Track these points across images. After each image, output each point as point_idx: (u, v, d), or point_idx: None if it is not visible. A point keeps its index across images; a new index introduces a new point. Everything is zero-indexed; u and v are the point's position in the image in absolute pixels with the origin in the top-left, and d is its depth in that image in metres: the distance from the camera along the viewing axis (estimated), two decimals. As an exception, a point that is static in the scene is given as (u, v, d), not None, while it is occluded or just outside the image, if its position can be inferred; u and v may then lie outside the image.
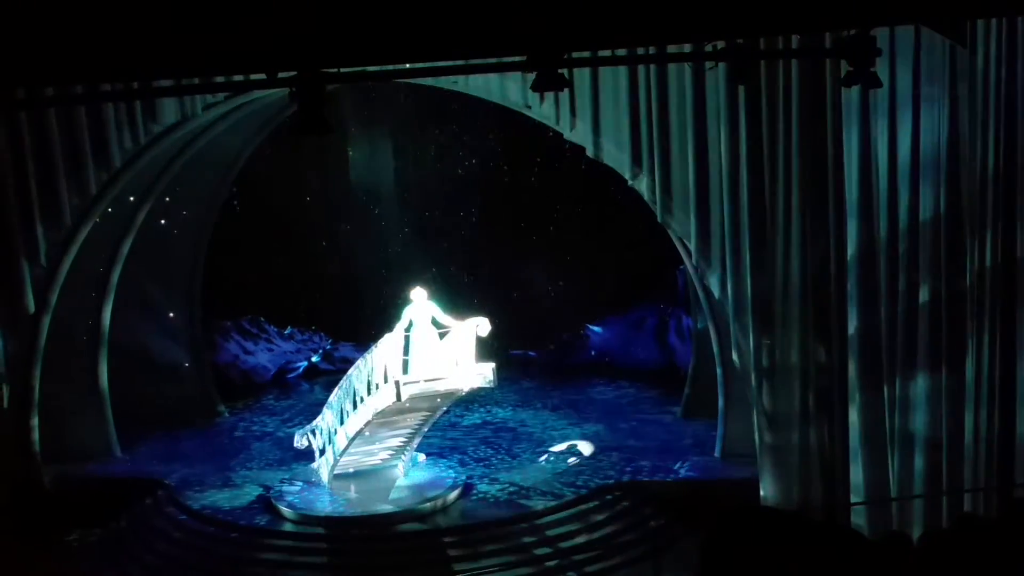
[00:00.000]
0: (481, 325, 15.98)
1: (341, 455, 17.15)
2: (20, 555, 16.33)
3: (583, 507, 16.67)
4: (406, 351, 15.96)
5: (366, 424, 16.36)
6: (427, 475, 17.68)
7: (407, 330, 15.90)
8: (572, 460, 18.49)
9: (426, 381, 15.56)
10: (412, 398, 15.66)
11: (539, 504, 16.71)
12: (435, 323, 15.91)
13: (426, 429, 17.31)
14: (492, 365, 16.03)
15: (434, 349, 15.77)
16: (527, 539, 15.95)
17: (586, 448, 18.87)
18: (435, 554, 15.64)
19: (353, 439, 16.72)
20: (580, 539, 15.97)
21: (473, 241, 26.09)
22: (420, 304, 15.85)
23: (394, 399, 15.45)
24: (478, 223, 26.08)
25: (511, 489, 17.37)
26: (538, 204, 25.65)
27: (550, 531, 16.10)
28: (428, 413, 16.67)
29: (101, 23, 11.36)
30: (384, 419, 16.30)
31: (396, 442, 17.24)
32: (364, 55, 12.35)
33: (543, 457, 18.76)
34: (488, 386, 16.12)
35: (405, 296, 16.72)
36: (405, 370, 15.72)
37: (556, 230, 25.73)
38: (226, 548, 16.14)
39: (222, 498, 17.62)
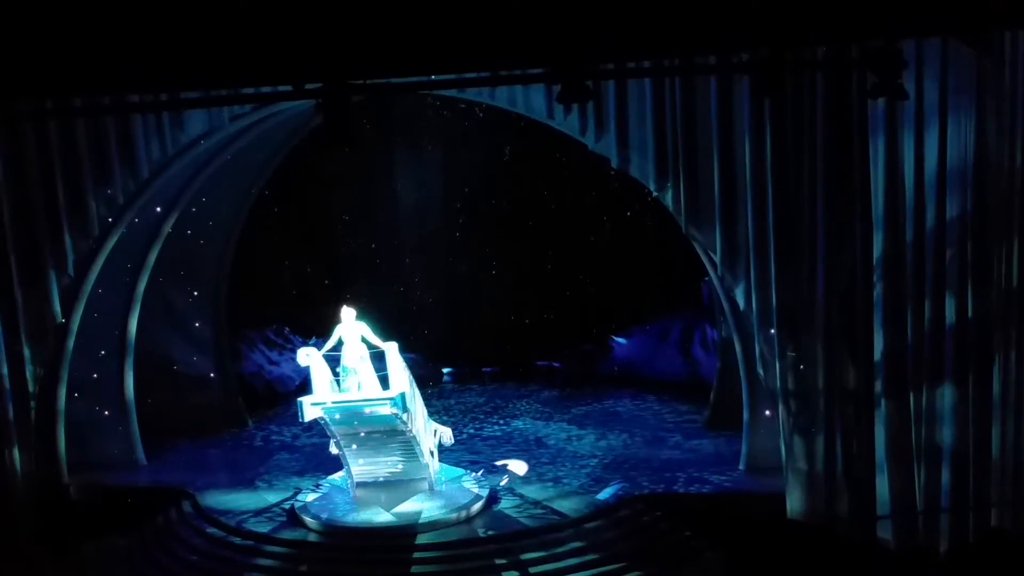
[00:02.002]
0: (389, 351, 15.81)
1: (348, 467, 17.30)
2: (46, 563, 16.43)
3: (606, 519, 16.61)
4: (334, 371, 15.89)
5: (338, 439, 16.58)
6: (451, 487, 17.65)
7: (336, 348, 15.78)
8: (504, 481, 18.12)
9: (333, 403, 15.39)
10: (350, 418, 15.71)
11: (562, 516, 16.66)
12: (365, 342, 15.75)
13: (422, 447, 17.02)
14: (402, 391, 15.70)
15: (364, 369, 15.62)
16: (550, 551, 15.89)
17: (518, 468, 18.46)
18: (458, 565, 15.61)
19: (342, 453, 16.89)
20: (603, 552, 15.90)
21: (497, 254, 26.10)
22: (349, 323, 15.70)
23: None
24: (502, 236, 26.08)
25: (534, 501, 17.34)
26: (562, 215, 25.66)
27: (573, 543, 16.04)
28: (386, 430, 16.48)
29: (130, 35, 11.47)
30: (364, 435, 16.37)
31: (397, 456, 17.13)
32: (390, 67, 12.42)
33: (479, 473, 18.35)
34: (394, 411, 15.68)
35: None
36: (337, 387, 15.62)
37: (580, 241, 25.71)
38: (250, 558, 16.16)
39: (246, 508, 17.64)
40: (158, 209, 19.55)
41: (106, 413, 19.83)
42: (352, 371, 15.74)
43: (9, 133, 16.13)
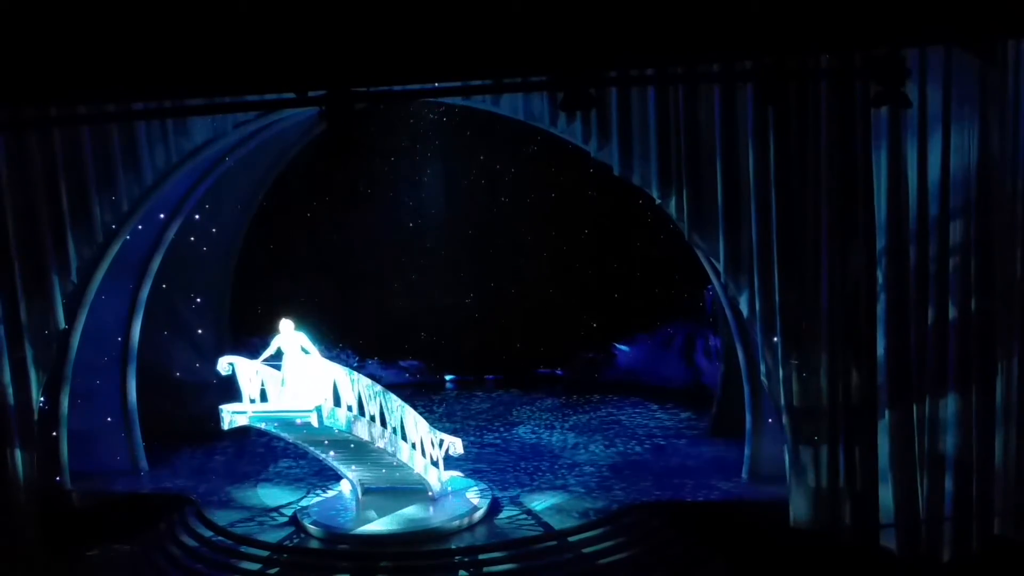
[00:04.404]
0: (317, 363, 15.60)
1: (344, 474, 17.45)
2: (48, 570, 16.42)
3: (608, 527, 16.60)
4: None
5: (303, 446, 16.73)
6: (455, 496, 17.65)
7: (274, 359, 15.60)
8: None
9: (255, 412, 15.26)
10: (288, 428, 15.65)
11: (565, 524, 16.64)
12: (305, 352, 15.58)
13: (402, 456, 16.79)
14: (319, 404, 15.41)
15: (307, 379, 15.43)
16: (552, 559, 15.89)
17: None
18: (458, 573, 15.60)
19: (325, 459, 16.97)
20: (606, 560, 15.89)
21: (499, 262, 26.11)
22: (288, 334, 15.59)
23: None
24: (504, 245, 26.09)
25: (536, 509, 17.33)
26: (566, 224, 25.68)
27: (575, 551, 16.03)
28: (340, 440, 16.19)
29: (134, 43, 11.47)
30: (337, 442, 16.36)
31: (382, 465, 17.08)
32: (394, 74, 12.42)
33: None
34: (308, 421, 15.40)
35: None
36: (264, 398, 15.48)
37: (584, 249, 25.73)
38: (252, 564, 16.16)
39: (248, 514, 17.67)
40: (161, 216, 19.59)
41: (109, 420, 19.84)
42: (293, 380, 15.53)
43: (14, 140, 16.15)
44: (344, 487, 17.99)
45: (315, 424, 14.88)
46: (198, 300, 22.47)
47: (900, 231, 14.65)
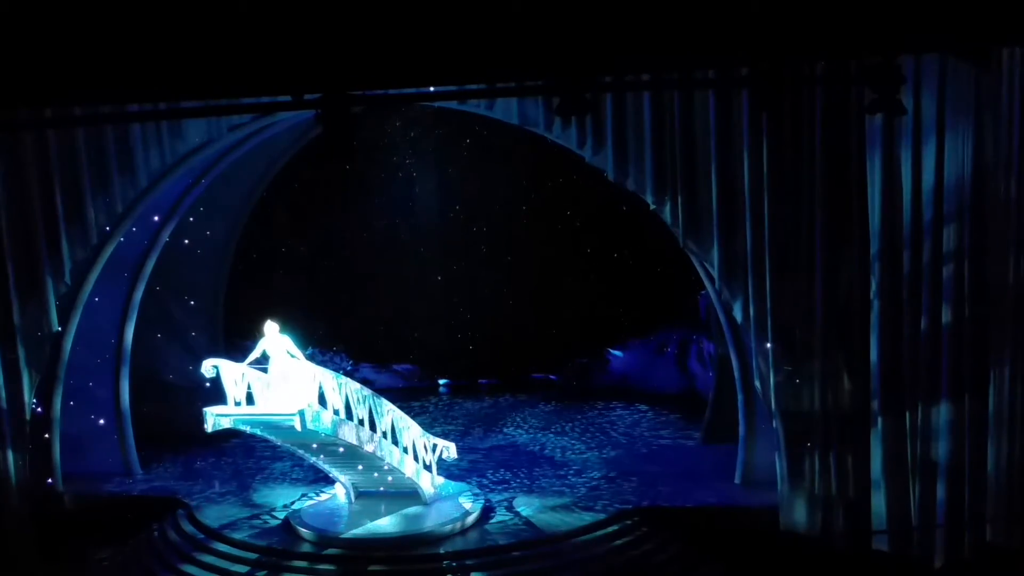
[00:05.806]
0: (301, 367, 15.56)
1: (336, 477, 17.48)
2: (40, 573, 16.38)
3: (602, 532, 16.59)
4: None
5: (300, 451, 16.75)
6: (448, 500, 17.63)
7: (260, 362, 15.52)
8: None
9: (238, 415, 15.20)
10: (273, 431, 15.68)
11: (558, 529, 16.63)
12: (291, 356, 15.51)
13: (392, 460, 16.77)
14: (301, 408, 15.24)
15: (292, 382, 15.34)
16: (545, 564, 15.88)
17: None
18: (453, 577, 15.63)
19: (316, 462, 16.98)
20: (599, 564, 15.88)
21: (494, 267, 26.11)
22: (272, 337, 15.53)
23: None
24: (500, 249, 26.09)
25: (530, 513, 17.31)
26: (561, 228, 25.69)
27: (569, 556, 16.01)
28: (330, 443, 16.16)
29: (130, 45, 11.48)
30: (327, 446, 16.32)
31: (373, 469, 17.07)
32: (389, 78, 12.44)
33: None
34: (294, 425, 15.34)
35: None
36: (251, 401, 15.44)
37: (578, 254, 25.73)
38: (245, 568, 16.12)
39: (241, 517, 17.63)
40: (156, 218, 19.56)
41: (101, 422, 19.81)
42: (280, 383, 15.47)
43: (8, 141, 16.14)
44: (338, 490, 17.98)
45: (298, 428, 14.85)
46: (192, 303, 22.45)
47: (894, 238, 14.68)
